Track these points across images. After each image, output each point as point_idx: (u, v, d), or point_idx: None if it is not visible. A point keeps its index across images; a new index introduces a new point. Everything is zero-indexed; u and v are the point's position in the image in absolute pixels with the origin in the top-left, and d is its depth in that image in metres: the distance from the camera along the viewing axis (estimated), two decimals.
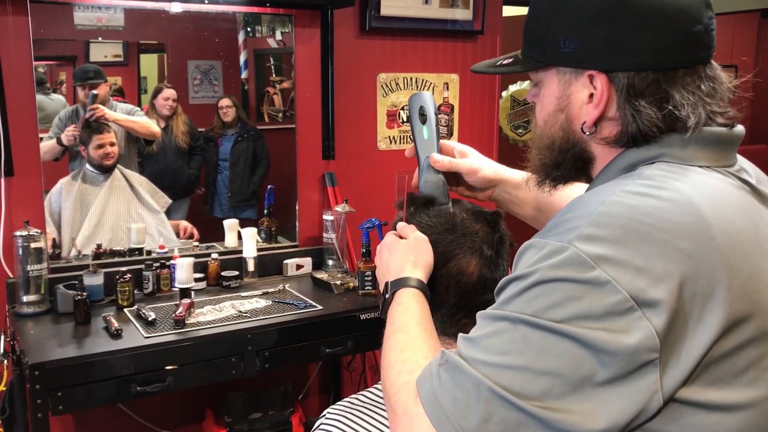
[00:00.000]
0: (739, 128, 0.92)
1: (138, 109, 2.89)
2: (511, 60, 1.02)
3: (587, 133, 0.93)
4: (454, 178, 1.34)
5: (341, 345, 2.38)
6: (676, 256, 0.77)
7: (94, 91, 2.72)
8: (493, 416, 0.77)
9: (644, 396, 0.75)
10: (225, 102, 3.11)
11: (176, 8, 2.71)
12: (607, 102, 0.90)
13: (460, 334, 0.86)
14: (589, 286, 0.76)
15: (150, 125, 2.88)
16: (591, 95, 0.91)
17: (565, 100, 0.94)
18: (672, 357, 0.76)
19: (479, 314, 0.85)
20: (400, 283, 1.11)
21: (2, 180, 2.40)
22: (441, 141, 1.33)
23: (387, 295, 1.12)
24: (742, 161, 0.95)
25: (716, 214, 0.81)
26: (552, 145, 0.97)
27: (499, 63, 1.05)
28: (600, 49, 0.88)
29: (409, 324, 1.02)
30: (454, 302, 1.17)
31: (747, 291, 0.79)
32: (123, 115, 2.82)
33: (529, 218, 1.36)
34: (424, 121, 1.33)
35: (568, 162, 0.97)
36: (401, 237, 1.19)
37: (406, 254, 1.14)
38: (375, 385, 1.30)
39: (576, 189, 1.05)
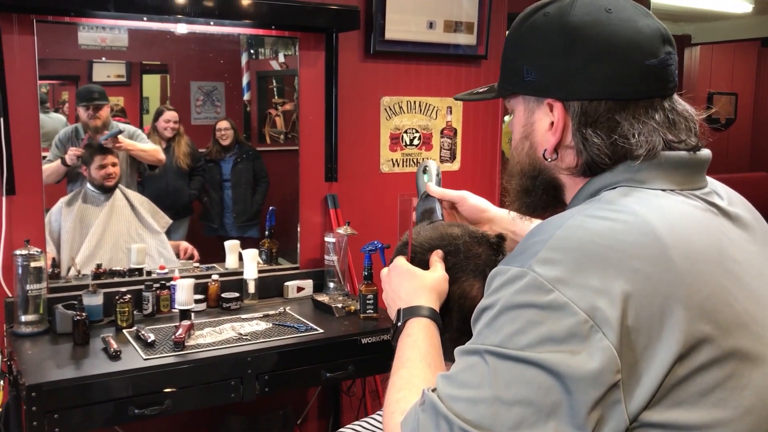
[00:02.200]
0: (704, 152, 0.94)
1: (140, 132, 2.89)
2: (486, 89, 1.08)
3: (549, 160, 0.96)
4: (451, 217, 1.40)
5: (342, 369, 2.35)
6: (632, 276, 0.78)
7: (120, 128, 2.77)
8: None
9: (613, 420, 0.76)
10: (223, 124, 3.11)
11: (181, 29, 2.72)
12: (564, 129, 0.93)
13: (439, 373, 0.87)
14: (549, 310, 0.77)
15: (157, 153, 2.90)
16: (552, 123, 0.94)
17: (529, 127, 0.98)
18: (633, 378, 0.77)
19: (456, 350, 0.87)
20: (411, 312, 1.10)
21: (4, 199, 2.39)
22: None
23: (399, 324, 1.10)
24: (714, 185, 0.97)
25: (673, 234, 0.82)
26: (521, 171, 1.01)
27: (476, 91, 1.11)
28: (557, 79, 0.92)
29: (413, 360, 1.02)
30: (458, 326, 1.15)
31: (706, 311, 0.80)
32: (135, 143, 2.84)
33: None
34: (425, 172, 1.45)
35: (539, 189, 1.00)
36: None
37: (420, 281, 1.14)
38: (378, 412, 1.29)
39: None
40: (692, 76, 6.59)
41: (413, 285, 1.13)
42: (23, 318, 2.30)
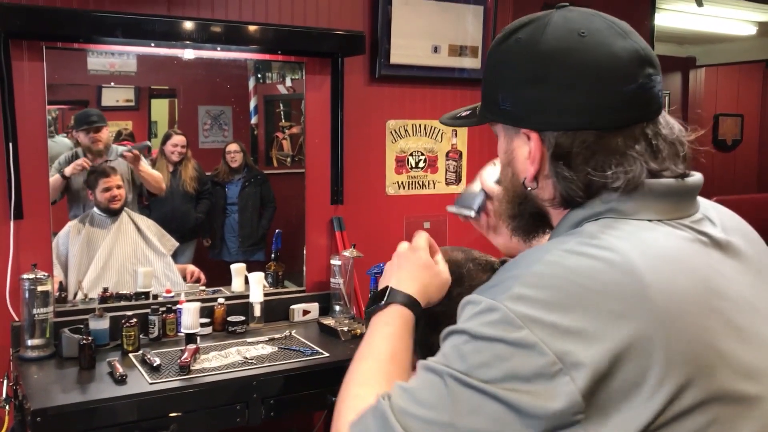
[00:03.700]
0: (694, 178, 0.90)
1: (143, 156, 2.91)
2: (468, 113, 1.05)
3: (529, 189, 0.93)
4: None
5: None
6: (609, 318, 0.75)
7: (149, 144, 2.86)
8: None
9: None
10: (233, 147, 3.14)
11: (189, 55, 2.75)
12: (541, 159, 0.89)
13: (396, 382, 0.85)
14: (518, 347, 0.75)
15: (161, 181, 2.93)
16: (530, 151, 0.91)
17: (510, 155, 0.95)
18: (601, 421, 0.74)
19: (419, 363, 0.84)
20: (399, 297, 1.05)
21: (12, 223, 2.40)
22: None
23: (383, 302, 1.05)
24: (707, 209, 0.92)
25: (655, 273, 0.78)
26: (507, 197, 0.99)
27: (458, 115, 1.08)
28: (531, 109, 0.88)
29: (383, 354, 0.98)
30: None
31: (689, 355, 0.76)
32: (147, 168, 2.89)
33: None
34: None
35: (525, 214, 0.98)
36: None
37: (413, 268, 1.09)
38: None
39: None
40: (698, 98, 6.60)
41: (419, 275, 1.09)
42: (29, 342, 2.31)
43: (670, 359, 0.75)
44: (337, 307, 2.83)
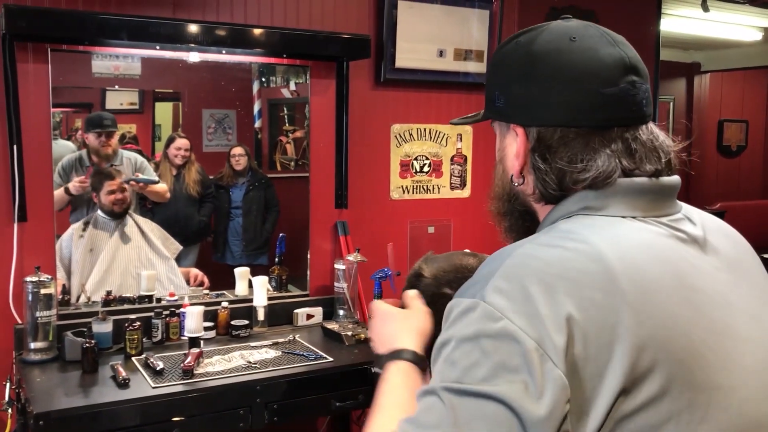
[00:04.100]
0: (670, 178, 0.92)
1: (146, 163, 2.90)
2: (475, 113, 1.09)
3: (516, 184, 0.97)
4: None
5: (352, 398, 2.32)
6: (580, 303, 0.78)
7: (156, 179, 2.87)
8: None
9: None
10: (237, 150, 3.13)
11: (194, 58, 2.74)
12: (525, 155, 0.94)
13: (400, 418, 0.85)
14: (500, 339, 0.77)
15: (166, 192, 2.94)
16: (516, 147, 0.95)
17: (502, 152, 1.00)
18: (582, 408, 0.76)
19: (416, 392, 0.85)
20: (390, 357, 1.07)
21: (15, 225, 2.40)
22: None
23: (379, 370, 1.08)
24: (690, 212, 0.95)
25: (624, 262, 0.81)
26: (497, 194, 1.03)
27: (468, 116, 1.13)
28: (520, 106, 0.93)
29: (387, 406, 0.99)
30: None
31: (657, 340, 0.78)
32: (155, 186, 2.89)
33: None
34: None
35: (515, 213, 1.01)
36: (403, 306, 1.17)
37: (400, 323, 1.11)
38: None
39: None
40: (702, 104, 6.59)
41: (392, 328, 1.11)
42: (32, 345, 2.30)
43: (638, 345, 0.77)
44: (341, 312, 2.81)
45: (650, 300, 0.80)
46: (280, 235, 3.00)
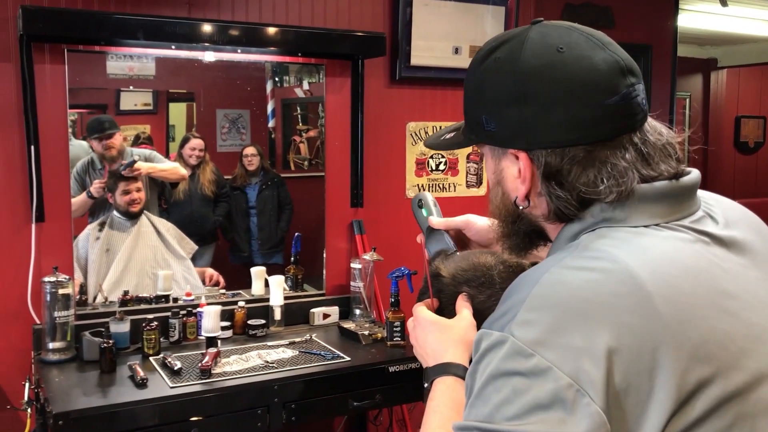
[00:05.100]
0: (690, 177, 0.88)
1: (156, 153, 2.89)
2: (453, 134, 1.04)
3: (521, 208, 0.93)
4: (462, 243, 1.34)
5: (369, 398, 2.31)
6: (616, 330, 0.74)
7: (134, 157, 2.78)
8: None
9: None
10: (250, 150, 3.12)
11: (209, 57, 2.74)
12: (532, 178, 0.89)
13: None
14: (533, 377, 0.73)
15: (178, 169, 2.92)
16: (519, 170, 0.90)
17: (499, 174, 0.94)
18: None
19: (452, 425, 0.82)
20: (436, 371, 1.04)
21: (33, 226, 2.41)
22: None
23: (426, 385, 1.05)
24: (709, 204, 0.91)
25: (656, 279, 0.77)
26: (500, 215, 0.98)
27: (442, 137, 1.06)
28: (516, 129, 0.87)
29: (434, 427, 0.97)
30: None
31: (699, 358, 0.75)
32: (154, 165, 2.86)
33: None
34: (421, 206, 1.43)
35: (520, 232, 0.97)
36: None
37: (446, 334, 1.08)
38: None
39: None
40: (719, 100, 6.52)
41: (438, 339, 1.07)
42: (51, 345, 2.30)
43: (681, 366, 0.74)
44: (358, 311, 2.80)
45: (687, 318, 0.77)
46: (296, 234, 2.99)
